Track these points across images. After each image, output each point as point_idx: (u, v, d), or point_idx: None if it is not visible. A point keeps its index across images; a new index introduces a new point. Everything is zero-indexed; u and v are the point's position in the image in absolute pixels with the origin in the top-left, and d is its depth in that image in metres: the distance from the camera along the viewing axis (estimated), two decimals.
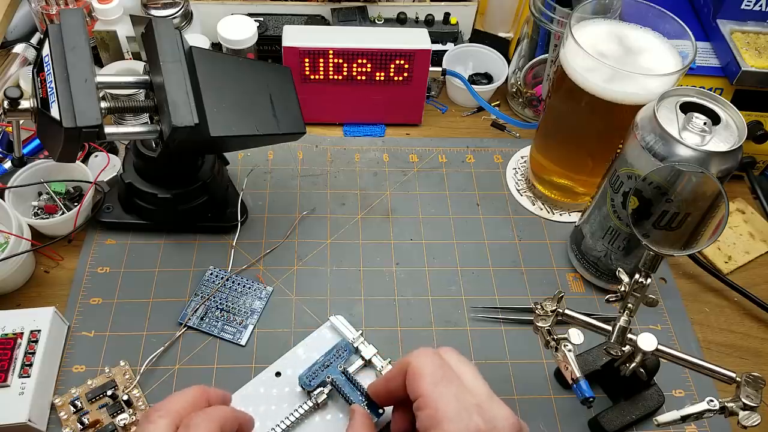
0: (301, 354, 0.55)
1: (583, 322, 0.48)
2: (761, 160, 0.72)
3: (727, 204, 0.44)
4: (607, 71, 0.55)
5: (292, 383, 0.53)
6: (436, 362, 0.41)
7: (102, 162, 0.66)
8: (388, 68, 0.70)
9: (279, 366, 0.54)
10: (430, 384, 0.40)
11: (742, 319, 0.62)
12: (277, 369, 0.54)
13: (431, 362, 0.41)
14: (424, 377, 0.41)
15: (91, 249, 0.62)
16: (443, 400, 0.39)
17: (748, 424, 0.42)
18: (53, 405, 0.52)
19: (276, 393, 0.52)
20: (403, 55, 0.69)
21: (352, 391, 0.51)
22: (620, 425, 0.53)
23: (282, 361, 0.54)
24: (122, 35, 0.73)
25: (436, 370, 0.41)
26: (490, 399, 0.40)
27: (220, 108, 0.53)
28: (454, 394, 0.40)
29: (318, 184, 0.70)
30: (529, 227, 0.68)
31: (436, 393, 0.40)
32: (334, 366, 0.52)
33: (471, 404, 0.39)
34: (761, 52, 0.66)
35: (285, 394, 0.52)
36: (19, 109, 0.50)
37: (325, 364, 0.53)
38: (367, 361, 0.54)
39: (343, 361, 0.53)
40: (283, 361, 0.55)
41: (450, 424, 0.38)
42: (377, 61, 0.69)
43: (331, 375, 0.52)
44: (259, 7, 0.79)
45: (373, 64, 0.69)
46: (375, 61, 0.69)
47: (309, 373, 0.52)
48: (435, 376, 0.41)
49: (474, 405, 0.39)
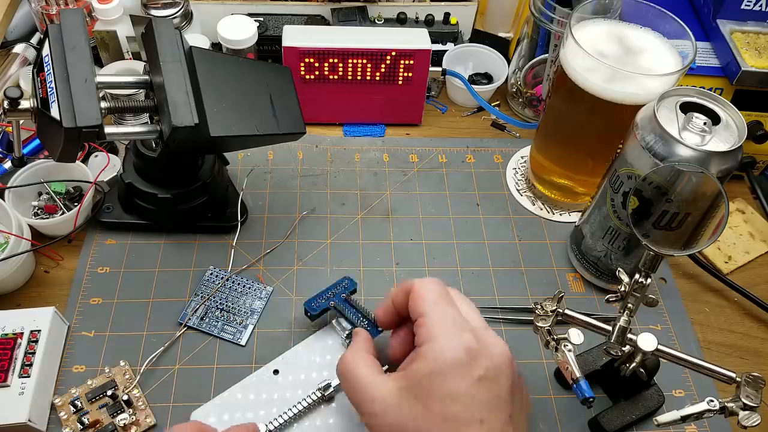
0: (300, 352, 0.55)
1: (583, 322, 0.48)
2: (761, 160, 0.72)
3: (727, 204, 0.44)
4: (607, 71, 0.55)
5: (289, 381, 0.53)
6: (439, 288, 0.45)
7: (102, 162, 0.66)
8: (388, 68, 0.70)
9: (277, 364, 0.54)
10: (430, 303, 0.44)
11: (742, 319, 0.62)
12: (275, 367, 0.54)
13: (434, 287, 0.45)
14: (425, 298, 0.44)
15: (91, 249, 0.62)
16: (440, 317, 0.43)
17: (748, 424, 0.42)
18: (53, 405, 0.52)
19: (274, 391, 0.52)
20: (403, 55, 0.69)
21: (355, 315, 0.53)
22: (620, 425, 0.53)
23: (281, 358, 0.54)
24: (122, 35, 0.73)
25: (437, 294, 0.44)
26: (486, 329, 0.44)
27: (220, 108, 0.53)
28: (451, 315, 0.43)
29: (318, 184, 0.70)
30: (529, 227, 0.68)
31: (435, 311, 0.43)
32: (338, 296, 0.55)
33: (466, 327, 0.43)
34: (761, 52, 0.66)
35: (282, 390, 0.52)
36: (19, 109, 0.50)
37: (329, 294, 0.55)
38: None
39: (347, 292, 0.55)
40: (283, 359, 0.54)
41: (443, 339, 0.41)
42: (377, 61, 0.69)
43: (335, 302, 0.54)
44: (259, 7, 0.79)
45: (373, 64, 0.69)
46: (375, 61, 0.69)
47: (314, 300, 0.55)
48: (436, 298, 0.44)
49: (469, 328, 0.42)
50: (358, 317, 0.53)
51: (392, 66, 0.70)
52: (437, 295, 0.44)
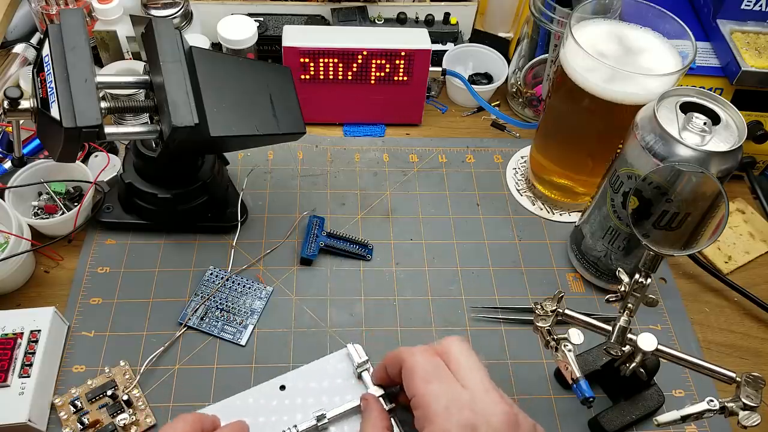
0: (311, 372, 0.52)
1: (583, 322, 0.48)
2: (761, 160, 0.72)
3: (727, 204, 0.44)
4: (607, 71, 0.55)
5: (293, 397, 0.50)
6: (429, 360, 0.43)
7: (102, 162, 0.66)
8: (388, 68, 0.70)
9: (286, 380, 0.51)
10: (421, 382, 0.41)
11: (742, 319, 0.62)
12: (283, 382, 0.51)
13: (424, 360, 0.43)
14: (416, 376, 0.42)
15: (91, 249, 0.62)
16: (434, 397, 0.40)
17: (748, 424, 0.42)
18: (53, 405, 0.52)
19: (276, 404, 0.50)
20: (403, 55, 0.69)
21: (347, 245, 0.63)
22: (620, 425, 0.53)
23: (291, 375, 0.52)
24: (122, 35, 0.73)
25: (428, 369, 0.42)
26: (486, 393, 0.41)
27: (220, 108, 0.53)
28: (444, 391, 0.41)
29: (318, 184, 0.70)
30: (529, 227, 0.68)
31: (428, 391, 0.41)
32: (321, 236, 0.63)
33: (463, 400, 0.40)
34: (761, 52, 0.66)
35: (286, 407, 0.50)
36: (19, 109, 0.50)
37: (311, 238, 0.63)
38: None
39: (323, 229, 0.64)
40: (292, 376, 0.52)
41: (439, 420, 0.39)
42: (377, 61, 0.69)
43: (323, 241, 0.63)
44: (259, 7, 0.79)
45: (373, 64, 0.69)
46: (375, 61, 0.69)
47: (305, 249, 0.62)
48: (427, 374, 0.42)
49: (467, 400, 0.40)
50: (350, 245, 0.63)
51: (392, 66, 0.70)
52: (429, 372, 0.42)
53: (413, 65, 0.70)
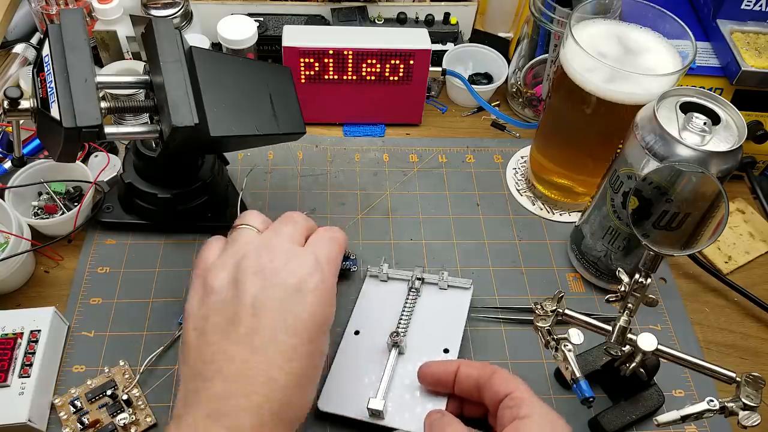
0: (372, 308, 0.58)
1: (583, 322, 0.48)
2: (761, 160, 0.72)
3: (727, 204, 0.44)
4: (607, 71, 0.55)
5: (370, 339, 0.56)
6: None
7: (102, 162, 0.66)
8: (388, 68, 0.70)
9: (354, 325, 0.57)
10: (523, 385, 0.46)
11: (742, 319, 0.62)
12: (355, 328, 0.57)
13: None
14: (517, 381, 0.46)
15: (91, 249, 0.62)
16: (535, 397, 0.45)
17: (748, 424, 0.42)
18: (53, 405, 0.52)
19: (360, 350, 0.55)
20: (403, 55, 0.69)
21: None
22: (620, 425, 0.53)
23: (354, 319, 0.57)
24: (122, 35, 0.73)
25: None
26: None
27: (220, 108, 0.53)
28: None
29: (318, 184, 0.70)
30: (529, 227, 0.68)
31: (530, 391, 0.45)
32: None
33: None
34: (761, 52, 0.66)
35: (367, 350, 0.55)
36: (19, 109, 0.50)
37: None
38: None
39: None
40: (356, 318, 0.57)
41: (551, 413, 0.44)
42: (377, 61, 0.69)
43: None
44: (259, 7, 0.79)
45: (373, 64, 0.69)
46: (375, 61, 0.69)
47: None
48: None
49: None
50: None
51: (392, 66, 0.70)
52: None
53: (413, 65, 0.70)
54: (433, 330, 0.55)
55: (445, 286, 0.59)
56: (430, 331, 0.55)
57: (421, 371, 0.51)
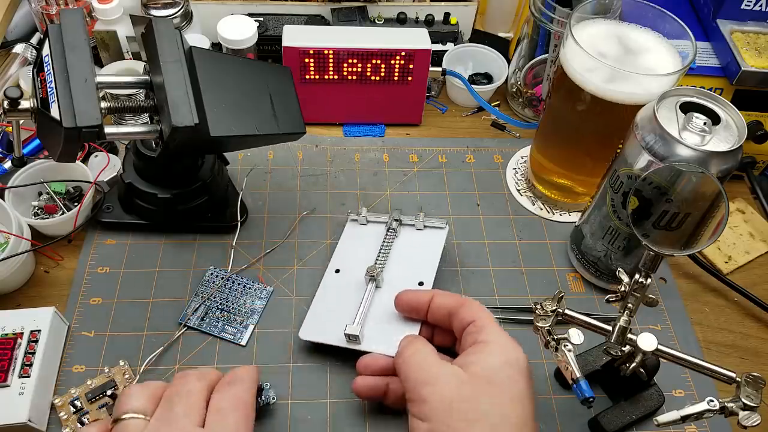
0: (348, 249, 0.62)
1: (583, 322, 0.48)
2: (761, 160, 0.72)
3: (727, 204, 0.44)
4: (607, 71, 0.55)
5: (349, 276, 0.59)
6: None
7: (102, 162, 0.66)
8: (388, 68, 0.70)
9: (335, 263, 0.61)
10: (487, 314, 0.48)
11: (742, 319, 0.62)
12: (336, 266, 0.60)
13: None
14: (482, 310, 0.48)
15: (91, 249, 0.62)
16: (498, 326, 0.47)
17: (748, 424, 0.42)
18: (53, 405, 0.52)
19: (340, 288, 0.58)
20: (403, 55, 0.69)
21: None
22: (620, 425, 0.53)
23: (336, 258, 0.61)
24: (122, 35, 0.73)
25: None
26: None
27: (220, 108, 0.53)
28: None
29: (318, 184, 0.70)
30: (529, 227, 0.68)
31: (493, 320, 0.48)
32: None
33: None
34: (761, 52, 0.66)
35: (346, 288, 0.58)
36: (19, 109, 0.50)
37: None
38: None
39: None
40: (336, 258, 0.61)
41: (509, 340, 0.46)
42: (377, 61, 0.69)
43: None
44: (259, 7, 0.79)
45: (373, 64, 0.69)
46: (375, 61, 0.69)
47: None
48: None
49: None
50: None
51: (392, 66, 0.70)
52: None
53: (413, 65, 0.70)
54: (409, 265, 0.58)
55: (422, 227, 0.62)
56: (406, 266, 0.58)
57: (398, 298, 0.53)
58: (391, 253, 0.60)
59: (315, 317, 0.56)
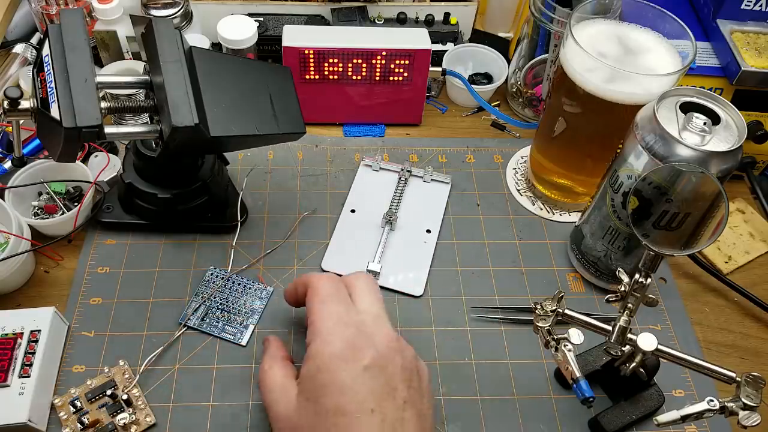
0: (365, 191, 0.68)
1: (583, 322, 0.48)
2: (761, 160, 0.72)
3: (727, 204, 0.44)
4: (607, 71, 0.55)
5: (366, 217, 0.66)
6: (332, 285, 0.47)
7: (102, 162, 0.66)
8: (388, 68, 0.70)
9: (350, 204, 0.67)
10: (318, 302, 0.46)
11: (742, 319, 0.62)
12: (351, 207, 0.67)
13: (328, 284, 0.47)
14: (316, 296, 0.47)
15: (91, 249, 0.62)
16: (325, 316, 0.45)
17: (748, 424, 0.42)
18: (53, 405, 0.52)
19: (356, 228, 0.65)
20: (403, 55, 0.69)
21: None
22: (620, 425, 0.53)
23: (351, 198, 0.67)
24: (122, 35, 0.73)
25: (329, 292, 0.47)
26: (376, 318, 0.46)
27: (220, 108, 0.53)
28: (336, 312, 0.45)
29: (318, 184, 0.70)
30: (529, 227, 0.68)
31: (321, 310, 0.45)
32: None
33: (352, 320, 0.45)
34: (761, 52, 0.66)
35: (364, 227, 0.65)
36: (19, 109, 0.50)
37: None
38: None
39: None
40: (352, 198, 0.68)
41: (325, 335, 0.44)
42: (377, 61, 0.69)
43: None
44: (259, 7, 0.79)
45: (373, 64, 0.69)
46: (375, 60, 0.69)
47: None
48: (327, 296, 0.46)
49: (355, 321, 0.45)
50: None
51: (392, 66, 0.70)
52: (328, 293, 0.47)
53: (413, 65, 0.70)
54: (418, 213, 0.67)
55: (429, 180, 0.69)
56: (415, 213, 0.67)
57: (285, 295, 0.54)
58: (402, 200, 0.67)
59: (335, 252, 0.63)
